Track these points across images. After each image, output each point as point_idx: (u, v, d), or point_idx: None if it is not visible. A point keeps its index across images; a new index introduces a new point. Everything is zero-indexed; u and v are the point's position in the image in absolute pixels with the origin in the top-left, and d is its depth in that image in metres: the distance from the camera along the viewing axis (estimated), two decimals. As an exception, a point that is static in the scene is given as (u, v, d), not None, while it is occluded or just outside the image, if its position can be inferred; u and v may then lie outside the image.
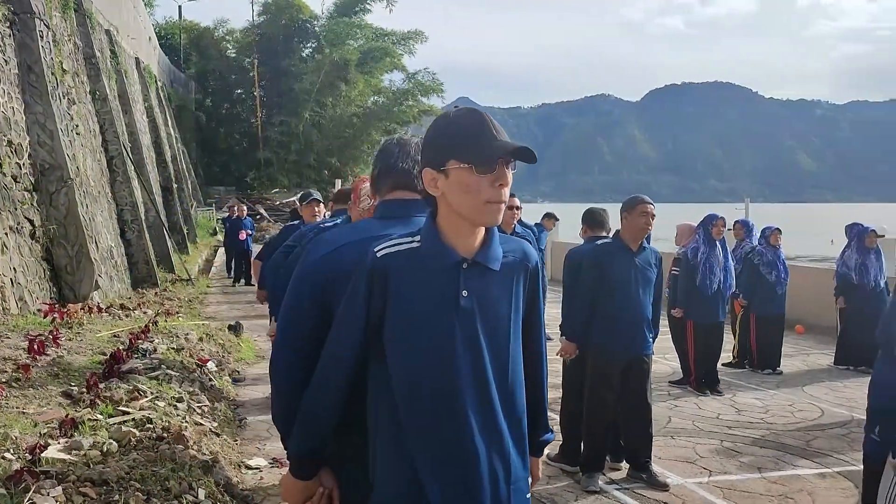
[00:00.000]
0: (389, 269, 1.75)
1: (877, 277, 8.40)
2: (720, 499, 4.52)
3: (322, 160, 37.12)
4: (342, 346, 1.80)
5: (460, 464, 1.73)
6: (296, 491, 1.89)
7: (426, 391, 1.74)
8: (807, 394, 7.33)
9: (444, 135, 1.75)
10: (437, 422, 1.74)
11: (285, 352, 1.93)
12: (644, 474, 4.76)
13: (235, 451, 4.88)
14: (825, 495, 4.61)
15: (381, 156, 2.08)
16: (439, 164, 1.73)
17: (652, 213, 4.71)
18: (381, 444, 1.80)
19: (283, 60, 37.68)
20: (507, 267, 1.82)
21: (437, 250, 1.76)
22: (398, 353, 1.76)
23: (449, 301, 1.74)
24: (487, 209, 1.71)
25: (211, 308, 12.28)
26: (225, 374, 6.84)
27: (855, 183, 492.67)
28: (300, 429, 1.86)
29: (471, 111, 1.77)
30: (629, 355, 4.70)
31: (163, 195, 19.98)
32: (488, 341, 1.77)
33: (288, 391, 1.90)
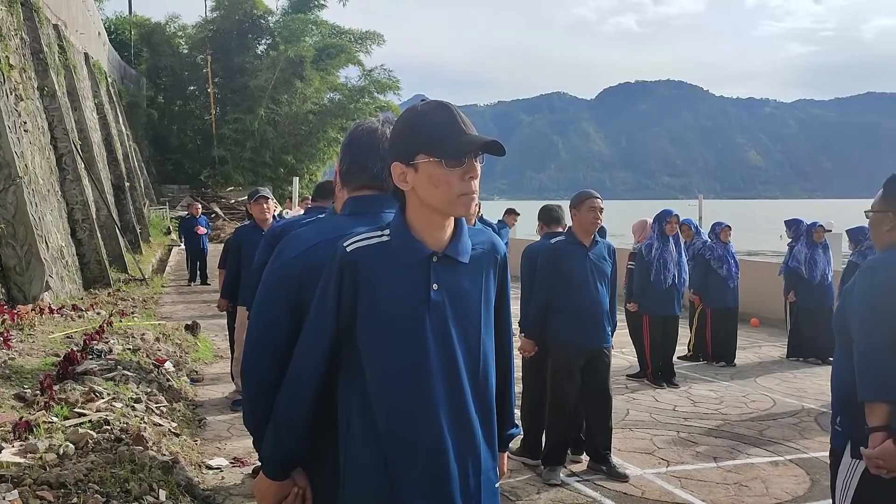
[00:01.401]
0: (359, 264, 1.74)
1: (825, 272, 8.63)
2: (678, 488, 4.62)
3: (278, 158, 36.69)
4: (315, 342, 1.79)
5: (431, 457, 1.74)
6: (270, 492, 1.87)
7: (398, 385, 1.73)
8: (759, 385, 7.53)
9: (413, 129, 1.73)
10: (409, 416, 1.73)
11: (258, 352, 1.90)
12: (604, 466, 4.83)
13: (196, 452, 4.81)
14: (778, 482, 4.74)
15: (350, 149, 2.03)
16: (408, 158, 1.72)
17: (600, 207, 4.77)
18: (352, 438, 1.79)
19: (237, 57, 37.11)
20: (477, 259, 1.83)
21: (406, 244, 1.75)
22: (370, 348, 1.75)
23: (419, 295, 1.74)
24: (460, 202, 1.72)
25: (166, 308, 12.08)
26: (183, 375, 6.74)
27: (802, 179, 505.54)
28: (274, 430, 1.84)
29: (439, 104, 1.75)
30: (589, 348, 4.76)
31: (115, 194, 19.56)
32: (460, 335, 1.77)
33: (261, 392, 1.88)
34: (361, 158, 1.99)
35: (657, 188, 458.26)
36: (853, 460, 2.56)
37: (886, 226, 2.66)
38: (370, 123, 2.03)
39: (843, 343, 2.65)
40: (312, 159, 38.19)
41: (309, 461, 1.90)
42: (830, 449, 2.78)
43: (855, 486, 2.53)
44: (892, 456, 2.33)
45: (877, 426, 2.39)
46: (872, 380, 2.42)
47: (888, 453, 2.34)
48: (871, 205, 2.77)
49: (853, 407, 2.54)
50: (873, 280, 2.56)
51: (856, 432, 2.54)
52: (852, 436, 2.57)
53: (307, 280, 1.84)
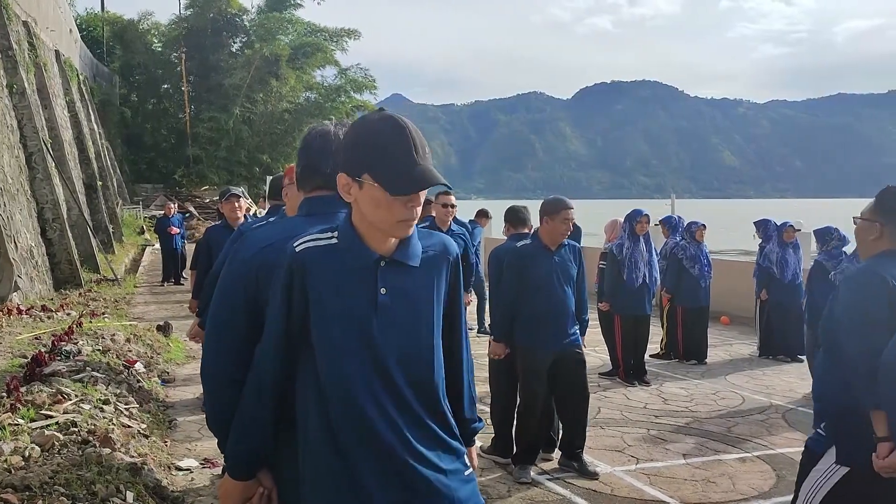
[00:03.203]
0: (307, 264, 1.76)
1: (796, 271, 8.74)
2: (647, 485, 4.68)
3: (253, 157, 36.47)
4: (271, 342, 1.80)
5: (387, 455, 1.75)
6: (235, 493, 1.87)
7: (349, 386, 1.74)
8: (729, 382, 7.62)
9: (364, 146, 1.71)
10: (363, 417, 1.74)
11: (217, 353, 1.91)
12: (576, 463, 4.87)
13: (165, 453, 4.78)
14: (745, 478, 4.81)
15: (305, 152, 2.07)
16: (355, 172, 1.72)
17: (572, 219, 4.79)
18: (310, 436, 1.80)
19: (211, 55, 36.82)
20: (428, 262, 1.84)
21: (354, 248, 1.77)
22: (322, 349, 1.77)
23: (367, 298, 1.76)
24: (399, 227, 1.73)
25: (138, 308, 11.97)
26: (154, 376, 6.68)
27: (774, 179, 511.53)
28: (237, 429, 1.84)
29: (395, 124, 1.72)
30: (555, 350, 4.79)
31: (86, 193, 19.33)
32: (409, 336, 1.79)
33: (222, 393, 1.89)
34: (315, 160, 2.03)
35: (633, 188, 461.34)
36: (836, 465, 2.64)
37: (873, 235, 2.74)
38: (324, 127, 2.08)
39: (830, 349, 2.71)
40: (288, 158, 37.89)
41: (274, 462, 1.91)
42: (805, 446, 2.84)
43: (828, 489, 2.63)
44: None
45: (883, 436, 2.50)
46: (864, 388, 2.52)
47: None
48: (861, 212, 2.83)
49: (839, 414, 2.63)
50: (860, 290, 2.63)
51: (843, 439, 2.63)
52: (839, 442, 2.65)
53: (263, 279, 1.86)
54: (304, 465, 1.82)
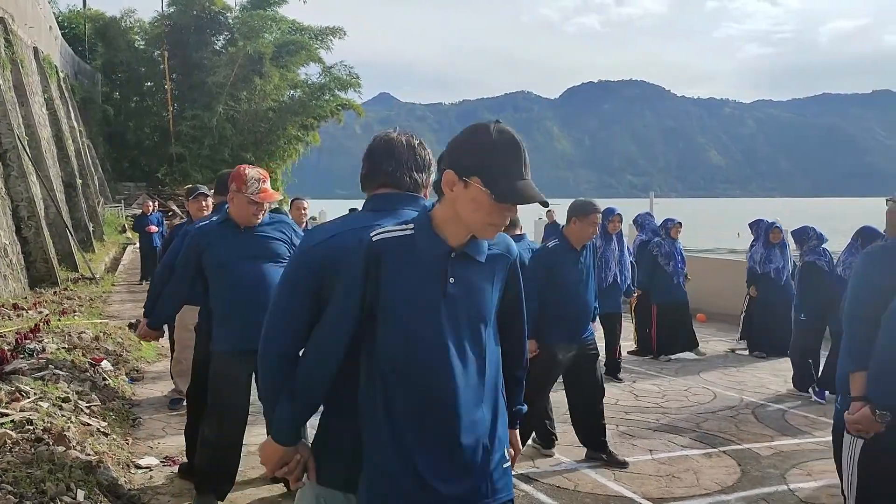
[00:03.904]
0: (383, 254, 1.88)
1: (780, 270, 8.74)
2: (611, 481, 4.66)
3: (237, 155, 36.14)
4: (339, 325, 1.91)
5: (447, 439, 1.88)
6: (275, 456, 2.01)
7: (415, 371, 1.88)
8: (702, 379, 7.64)
9: (480, 151, 1.83)
10: (425, 399, 1.88)
11: (277, 333, 2.03)
12: (604, 455, 4.99)
13: (126, 451, 4.73)
14: (709, 473, 4.81)
15: (370, 156, 2.20)
16: (465, 173, 1.83)
17: (599, 222, 5.07)
18: (371, 421, 1.91)
19: (194, 53, 36.52)
20: (492, 259, 1.97)
21: (429, 239, 1.89)
22: (389, 334, 1.88)
23: (438, 287, 1.88)
24: (488, 228, 1.87)
25: (114, 307, 11.85)
26: (122, 373, 6.61)
27: (760, 178, 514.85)
28: (291, 398, 1.96)
29: (511, 138, 1.85)
30: (574, 347, 4.91)
31: (66, 191, 19.15)
32: (469, 325, 1.92)
33: (277, 369, 2.01)
34: (378, 162, 2.16)
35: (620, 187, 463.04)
36: (851, 437, 2.82)
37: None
38: (387, 134, 2.22)
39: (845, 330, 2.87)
40: (273, 157, 37.76)
41: (320, 433, 2.07)
42: (833, 425, 3.08)
43: (858, 460, 2.80)
44: (868, 421, 2.64)
45: (857, 396, 2.70)
46: (855, 351, 2.71)
47: (865, 418, 2.64)
48: (893, 195, 2.98)
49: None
50: (873, 262, 2.81)
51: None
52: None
53: (328, 269, 1.98)
54: (366, 442, 1.93)
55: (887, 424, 2.61)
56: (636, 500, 4.38)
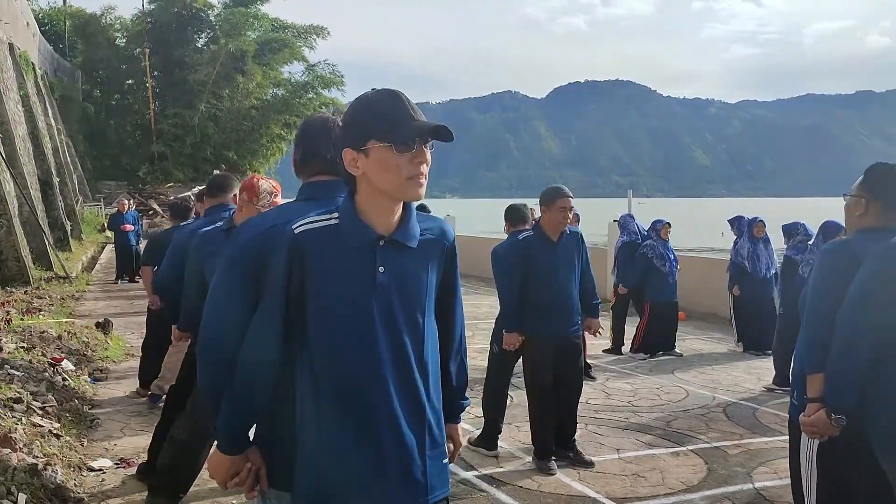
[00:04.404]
0: (306, 246, 1.79)
1: (767, 266, 8.75)
2: (575, 481, 4.59)
3: (219, 154, 36.03)
4: (267, 323, 1.84)
5: (381, 436, 1.79)
6: (223, 467, 1.92)
7: (347, 366, 1.79)
8: (676, 377, 7.59)
9: (363, 116, 1.79)
10: (359, 397, 1.79)
11: (214, 335, 1.96)
12: (570, 452, 4.89)
13: (79, 453, 4.61)
14: (675, 472, 4.75)
15: (305, 139, 2.12)
16: (359, 144, 1.77)
17: (570, 207, 4.83)
18: (305, 417, 1.84)
19: (176, 50, 36.29)
20: (425, 245, 1.88)
21: (354, 227, 1.81)
22: (318, 329, 1.80)
23: (366, 277, 1.79)
24: (409, 185, 1.76)
25: (87, 306, 11.69)
26: (83, 373, 6.48)
27: (745, 178, 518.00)
28: (229, 405, 1.88)
29: (388, 92, 1.80)
30: (559, 339, 4.82)
31: (42, 189, 18.89)
32: (404, 316, 1.82)
33: (216, 373, 1.93)
34: (314, 146, 2.08)
35: (606, 187, 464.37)
36: None
37: (858, 210, 2.81)
38: (321, 114, 2.18)
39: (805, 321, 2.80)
40: (255, 155, 37.62)
41: (268, 439, 1.96)
42: (788, 420, 3.02)
43: (816, 458, 2.76)
44: (823, 424, 2.57)
45: (813, 397, 2.63)
46: (813, 352, 2.64)
47: (821, 421, 2.58)
48: (851, 188, 2.89)
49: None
50: (830, 260, 2.73)
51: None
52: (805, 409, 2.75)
53: (263, 263, 1.89)
54: (299, 444, 1.86)
55: (843, 428, 2.54)
56: (599, 500, 4.31)
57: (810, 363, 2.65)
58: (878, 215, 2.75)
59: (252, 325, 1.87)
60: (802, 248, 7.11)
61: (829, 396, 2.56)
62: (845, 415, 2.52)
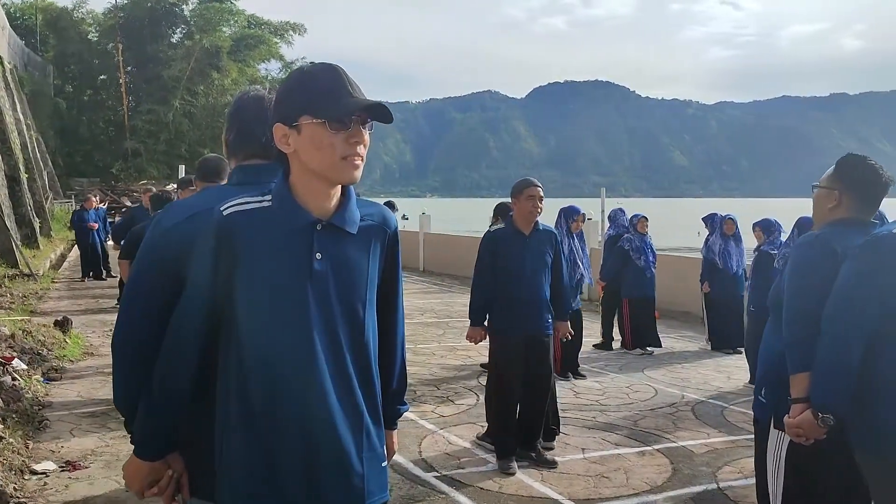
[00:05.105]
0: (236, 229, 1.64)
1: (738, 264, 8.72)
2: (537, 482, 4.48)
3: (194, 151, 35.51)
4: (191, 313, 1.69)
5: (312, 440, 1.65)
6: (140, 474, 1.75)
7: (278, 360, 1.64)
8: (645, 375, 7.51)
9: (297, 89, 1.65)
10: (293, 392, 1.64)
11: (131, 325, 1.79)
12: (532, 453, 4.78)
13: (22, 456, 4.42)
14: (640, 472, 4.66)
15: (238, 118, 1.95)
16: (291, 119, 1.63)
17: (539, 196, 4.70)
18: (228, 418, 1.67)
19: (150, 45, 35.80)
20: (366, 231, 1.74)
21: (289, 210, 1.66)
22: (248, 320, 1.65)
23: (302, 264, 1.64)
24: (343, 165, 1.62)
25: (50, 304, 11.43)
26: (36, 373, 6.27)
27: (722, 178, 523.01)
28: (147, 404, 1.72)
29: (326, 65, 1.66)
30: (527, 335, 4.70)
31: (8, 186, 18.49)
32: (342, 308, 1.68)
33: (134, 368, 1.76)
34: (248, 127, 1.91)
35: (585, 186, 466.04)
36: (778, 432, 2.66)
37: (831, 203, 2.69)
38: (257, 91, 1.97)
39: (777, 318, 2.71)
40: (231, 153, 37.22)
41: (188, 444, 1.79)
42: (754, 418, 2.90)
43: (785, 456, 2.65)
44: (810, 425, 2.44)
45: (798, 397, 2.49)
46: (797, 351, 2.51)
47: (806, 422, 2.44)
48: (820, 180, 2.78)
49: (780, 380, 2.62)
50: (808, 255, 2.61)
51: (780, 404, 2.63)
52: (776, 407, 2.67)
53: (186, 251, 1.72)
54: (218, 446, 1.70)
55: (830, 429, 2.42)
56: (561, 501, 4.19)
57: (793, 362, 2.52)
58: (850, 207, 2.65)
59: (174, 318, 1.71)
60: (777, 244, 7.14)
61: (817, 396, 2.43)
62: (833, 414, 2.40)
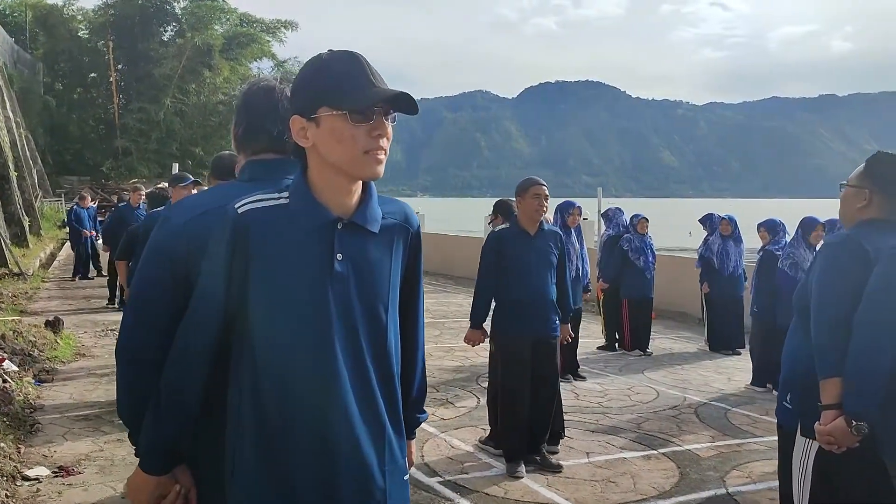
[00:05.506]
0: (252, 227, 1.53)
1: (736, 264, 8.65)
2: (543, 487, 4.39)
3: (185, 149, 35.31)
4: (203, 316, 1.57)
5: (330, 453, 1.54)
6: (146, 489, 1.64)
7: (296, 368, 1.54)
8: (646, 377, 7.44)
9: (316, 79, 1.54)
10: (310, 401, 1.53)
11: (136, 332, 1.67)
12: (537, 456, 4.69)
13: (14, 461, 4.30)
14: (647, 477, 4.57)
15: (246, 110, 1.83)
16: (310, 111, 1.53)
17: (545, 195, 4.65)
18: (240, 429, 1.57)
19: (141, 43, 35.49)
20: (387, 230, 1.64)
21: (308, 207, 1.55)
22: (264, 325, 1.54)
23: (322, 265, 1.54)
24: (365, 160, 1.52)
25: (40, 304, 11.25)
26: (28, 375, 6.13)
27: (711, 178, 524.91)
28: (155, 414, 1.61)
29: (345, 53, 1.56)
30: (534, 338, 4.62)
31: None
32: (364, 312, 1.58)
33: (140, 375, 1.65)
34: (259, 120, 1.80)
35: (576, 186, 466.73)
36: (805, 440, 2.54)
37: (860, 202, 2.60)
38: (267, 82, 1.84)
39: (803, 320, 2.60)
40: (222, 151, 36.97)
41: (195, 458, 1.68)
42: (777, 425, 2.79)
43: (812, 465, 2.53)
44: (842, 433, 2.34)
45: (829, 404, 2.39)
46: (828, 356, 2.40)
47: (839, 430, 2.34)
48: (849, 178, 2.68)
49: (807, 385, 2.51)
50: (839, 257, 2.50)
51: (807, 410, 2.51)
52: (803, 413, 2.55)
53: (195, 251, 1.62)
54: (230, 459, 1.60)
55: (864, 436, 2.32)
56: (568, 507, 4.11)
57: (823, 367, 2.41)
58: (881, 207, 2.56)
59: (182, 324, 1.61)
60: (782, 244, 7.11)
61: (850, 403, 2.33)
62: (867, 421, 2.30)
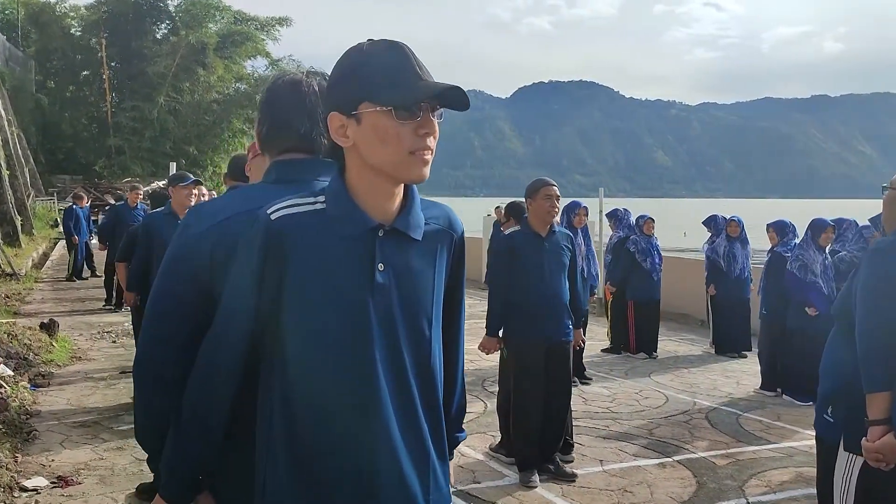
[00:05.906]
0: (286, 235, 1.40)
1: (743, 266, 8.55)
2: (558, 496, 4.26)
3: (179, 148, 35.02)
4: (231, 329, 1.44)
5: (370, 480, 1.41)
6: None
7: (334, 389, 1.40)
8: (653, 381, 7.32)
9: (357, 72, 1.40)
10: (347, 428, 1.40)
11: (158, 347, 1.54)
12: (551, 465, 4.57)
13: (11, 471, 4.15)
14: (664, 486, 4.45)
15: (270, 107, 1.67)
16: (350, 107, 1.39)
17: (556, 195, 4.57)
18: (272, 451, 1.44)
19: (134, 41, 35.19)
20: (430, 236, 1.51)
21: (346, 213, 1.42)
22: (298, 341, 1.41)
23: (362, 276, 1.41)
24: (411, 161, 1.39)
25: (33, 305, 11.07)
26: (23, 379, 5.97)
27: (705, 178, 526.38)
28: (177, 438, 1.50)
29: (389, 43, 1.41)
30: (547, 342, 4.50)
31: (-11, 182, 18.08)
32: (407, 327, 1.45)
33: (160, 395, 1.53)
34: (285, 116, 1.64)
35: (570, 186, 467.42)
36: (849, 455, 2.41)
37: None
38: (292, 76, 1.69)
39: (845, 329, 2.49)
40: (217, 150, 36.66)
41: (220, 483, 1.56)
42: (817, 437, 2.66)
43: (856, 482, 2.40)
44: (892, 450, 2.23)
45: (878, 419, 2.27)
46: (875, 368, 2.27)
47: (889, 447, 2.23)
48: (891, 181, 2.54)
49: (851, 398, 2.39)
50: (886, 263, 2.37)
51: (851, 424, 2.39)
52: (847, 427, 2.42)
53: (219, 260, 1.49)
54: (259, 486, 1.46)
55: None
56: (586, 518, 3.99)
57: (870, 380, 2.28)
58: None
59: (207, 340, 1.48)
60: (791, 245, 7.02)
61: None
62: None
